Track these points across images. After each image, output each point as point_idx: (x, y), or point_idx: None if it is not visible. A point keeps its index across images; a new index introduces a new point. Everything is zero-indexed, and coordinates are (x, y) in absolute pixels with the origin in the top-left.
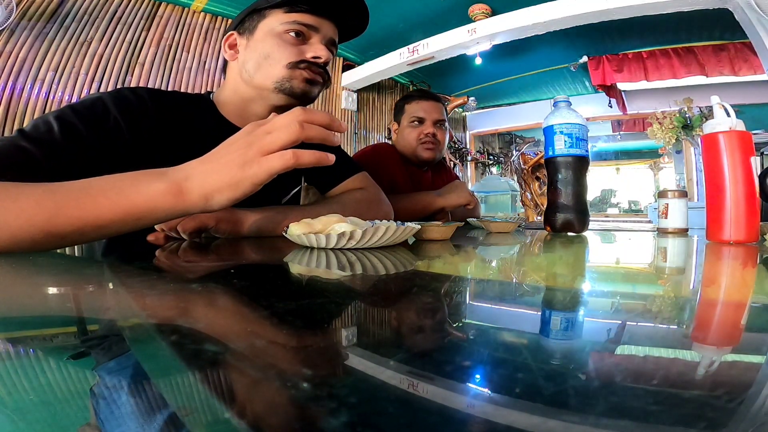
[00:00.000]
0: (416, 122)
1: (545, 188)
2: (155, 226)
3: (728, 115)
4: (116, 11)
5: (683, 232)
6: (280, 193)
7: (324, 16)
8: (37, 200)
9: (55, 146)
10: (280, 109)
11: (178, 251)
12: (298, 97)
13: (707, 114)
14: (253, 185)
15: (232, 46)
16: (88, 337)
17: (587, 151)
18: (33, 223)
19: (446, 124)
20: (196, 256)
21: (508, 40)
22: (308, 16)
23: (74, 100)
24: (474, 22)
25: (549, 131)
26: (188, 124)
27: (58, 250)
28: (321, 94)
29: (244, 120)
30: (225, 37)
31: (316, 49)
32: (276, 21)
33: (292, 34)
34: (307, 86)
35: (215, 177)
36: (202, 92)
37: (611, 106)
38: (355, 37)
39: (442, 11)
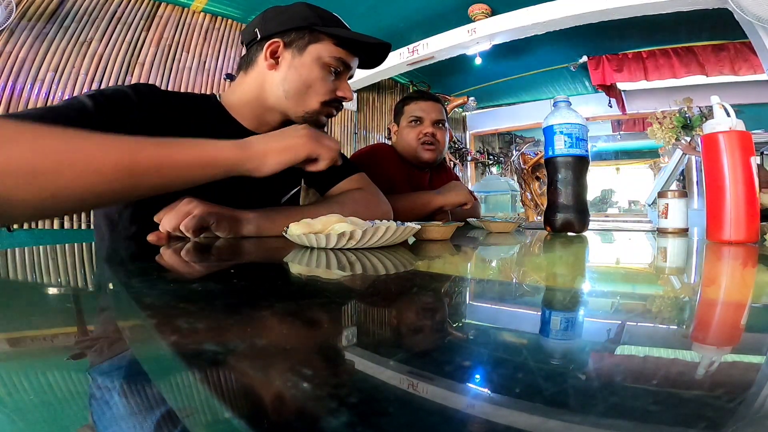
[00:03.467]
0: (414, 122)
1: (545, 188)
2: (159, 227)
3: (728, 115)
4: (116, 11)
5: (683, 232)
6: (279, 193)
7: (355, 53)
8: (120, 138)
9: (91, 115)
10: (290, 123)
11: (178, 251)
12: (315, 126)
13: (707, 114)
14: (306, 153)
15: (274, 55)
16: (88, 337)
17: (587, 151)
18: (116, 156)
19: (446, 124)
20: (197, 256)
21: (508, 40)
22: (349, 55)
23: None
24: (474, 22)
25: (549, 131)
26: (195, 124)
27: (60, 252)
28: None
29: (258, 124)
30: (269, 42)
31: (345, 89)
32: (326, 50)
33: (333, 70)
34: (326, 120)
35: (275, 140)
36: (202, 93)
37: (611, 106)
38: (368, 69)
39: (442, 11)
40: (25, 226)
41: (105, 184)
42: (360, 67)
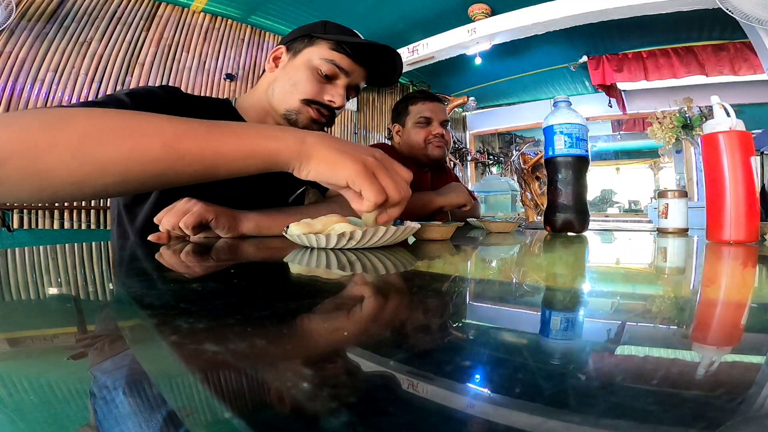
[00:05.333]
0: (423, 123)
1: (545, 188)
2: (159, 227)
3: (728, 115)
4: (116, 11)
5: (683, 232)
6: (285, 193)
7: (360, 63)
8: (168, 119)
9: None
10: None
11: (178, 251)
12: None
13: (707, 114)
14: (347, 176)
15: (276, 59)
16: (89, 337)
17: (587, 151)
18: (159, 133)
19: (449, 124)
20: (197, 256)
21: (508, 40)
22: (347, 60)
23: (74, 100)
24: (474, 22)
25: (549, 131)
26: None
27: (60, 252)
28: None
29: None
30: (274, 48)
31: (334, 94)
32: (317, 53)
33: (324, 74)
34: (310, 125)
35: (330, 146)
36: (202, 93)
37: (611, 106)
38: (383, 86)
39: (442, 11)
40: (25, 225)
41: (150, 161)
42: (372, 83)
